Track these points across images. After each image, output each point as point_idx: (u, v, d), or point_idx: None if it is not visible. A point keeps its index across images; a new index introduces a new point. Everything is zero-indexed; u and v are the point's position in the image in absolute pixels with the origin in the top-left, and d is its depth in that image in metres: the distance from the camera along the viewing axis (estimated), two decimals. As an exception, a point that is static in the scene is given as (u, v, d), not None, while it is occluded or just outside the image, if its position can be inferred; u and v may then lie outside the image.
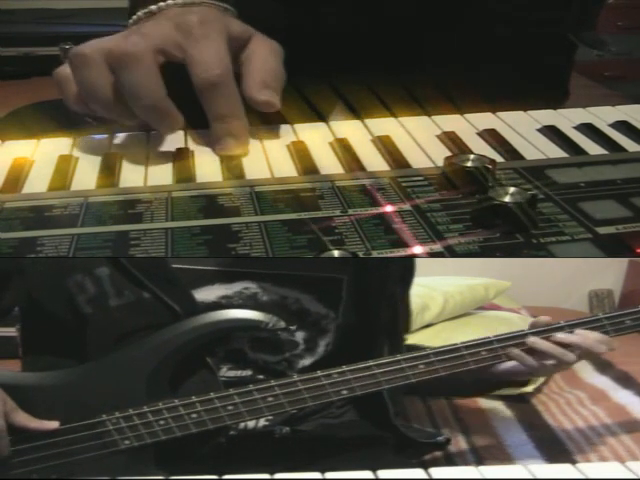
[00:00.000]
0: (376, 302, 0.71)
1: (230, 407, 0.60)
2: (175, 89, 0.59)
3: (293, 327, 0.66)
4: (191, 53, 0.59)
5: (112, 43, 0.58)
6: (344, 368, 0.62)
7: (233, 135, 0.61)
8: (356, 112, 0.76)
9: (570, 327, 0.69)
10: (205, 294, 0.64)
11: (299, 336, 0.67)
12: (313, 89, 0.80)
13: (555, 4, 0.84)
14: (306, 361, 0.68)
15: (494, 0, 0.82)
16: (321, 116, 0.71)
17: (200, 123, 0.62)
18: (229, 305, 0.64)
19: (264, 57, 0.63)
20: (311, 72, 0.76)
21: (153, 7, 0.64)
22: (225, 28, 0.61)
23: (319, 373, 0.62)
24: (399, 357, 0.64)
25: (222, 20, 0.63)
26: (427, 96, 0.75)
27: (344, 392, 0.62)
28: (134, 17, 0.65)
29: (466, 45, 0.80)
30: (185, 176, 0.59)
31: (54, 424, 0.58)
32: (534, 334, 0.69)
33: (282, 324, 0.62)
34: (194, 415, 0.59)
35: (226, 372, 0.65)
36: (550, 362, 0.69)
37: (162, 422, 0.59)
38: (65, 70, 0.61)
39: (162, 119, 0.59)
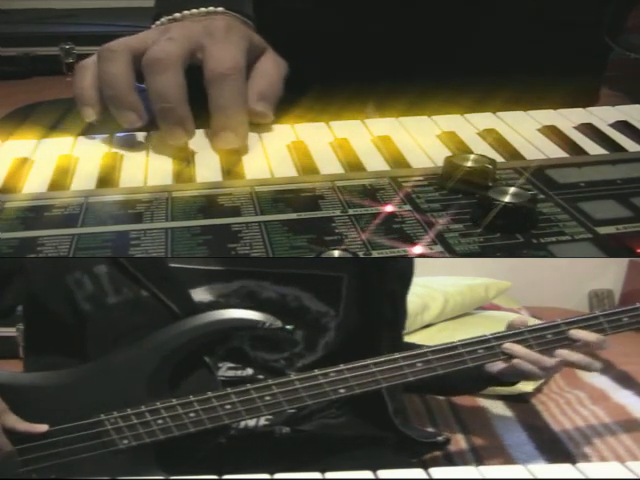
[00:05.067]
0: (376, 300, 0.71)
1: (228, 406, 0.60)
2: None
3: (292, 326, 0.66)
4: (209, 49, 0.61)
5: (140, 43, 0.61)
6: (342, 367, 0.63)
7: (232, 129, 0.61)
8: (356, 112, 0.76)
9: (567, 325, 0.69)
10: (203, 293, 0.64)
11: (299, 335, 0.67)
12: (313, 89, 0.80)
13: (591, 7, 0.84)
14: (306, 360, 0.68)
15: (528, 1, 0.82)
16: (321, 116, 0.71)
17: (200, 123, 0.62)
18: (227, 304, 0.64)
19: (268, 70, 0.66)
20: (312, 72, 0.76)
21: (177, 15, 0.67)
22: (247, 37, 0.64)
23: (316, 372, 0.62)
24: (397, 355, 0.64)
25: (245, 29, 0.65)
26: (455, 96, 0.75)
27: (342, 391, 0.62)
28: (158, 22, 0.68)
29: (499, 46, 0.81)
30: (185, 176, 0.59)
31: (43, 427, 0.58)
32: (527, 334, 0.68)
33: (279, 324, 0.62)
34: (192, 414, 0.59)
35: (226, 371, 0.65)
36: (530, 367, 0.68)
37: (160, 422, 0.59)
38: (88, 62, 0.63)
39: (177, 125, 0.60)
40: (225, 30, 0.63)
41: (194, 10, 0.67)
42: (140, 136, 0.66)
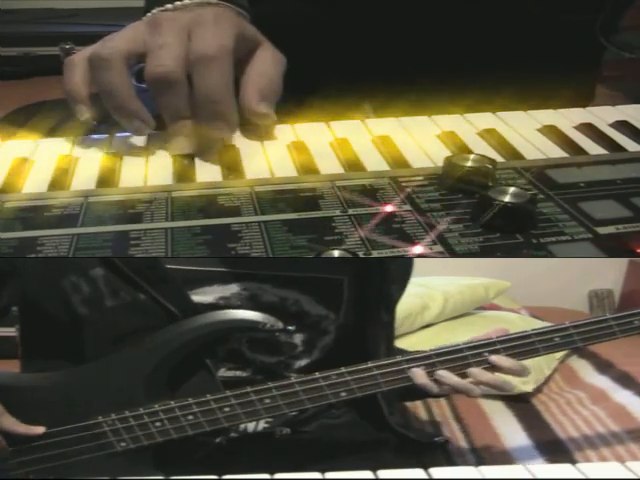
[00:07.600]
0: (375, 303, 0.71)
1: (227, 409, 0.59)
2: None
3: (292, 328, 0.66)
4: (195, 35, 0.59)
5: (132, 44, 0.59)
6: (342, 370, 0.62)
7: (221, 117, 0.60)
8: (358, 112, 0.76)
9: (575, 328, 0.67)
10: (203, 295, 0.64)
11: (297, 337, 0.67)
12: (314, 89, 0.80)
13: (587, 7, 0.84)
14: (304, 362, 0.67)
15: (523, 1, 0.82)
16: (321, 116, 0.71)
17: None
18: (227, 306, 0.64)
19: (265, 66, 0.64)
20: (312, 72, 0.76)
21: (169, 5, 0.65)
22: (237, 28, 0.62)
23: (317, 375, 0.61)
24: (399, 358, 0.63)
25: (236, 20, 0.63)
26: (454, 96, 0.75)
27: (343, 394, 0.62)
28: (149, 14, 0.65)
29: (495, 45, 0.81)
30: (185, 176, 0.59)
31: (40, 429, 0.58)
32: (534, 337, 0.67)
33: (280, 325, 0.62)
34: (190, 417, 0.59)
35: (225, 373, 0.65)
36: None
37: (158, 424, 0.59)
38: (76, 59, 0.62)
39: (184, 136, 0.60)
40: (214, 18, 0.60)
41: (187, 1, 0.64)
42: (140, 136, 0.66)
